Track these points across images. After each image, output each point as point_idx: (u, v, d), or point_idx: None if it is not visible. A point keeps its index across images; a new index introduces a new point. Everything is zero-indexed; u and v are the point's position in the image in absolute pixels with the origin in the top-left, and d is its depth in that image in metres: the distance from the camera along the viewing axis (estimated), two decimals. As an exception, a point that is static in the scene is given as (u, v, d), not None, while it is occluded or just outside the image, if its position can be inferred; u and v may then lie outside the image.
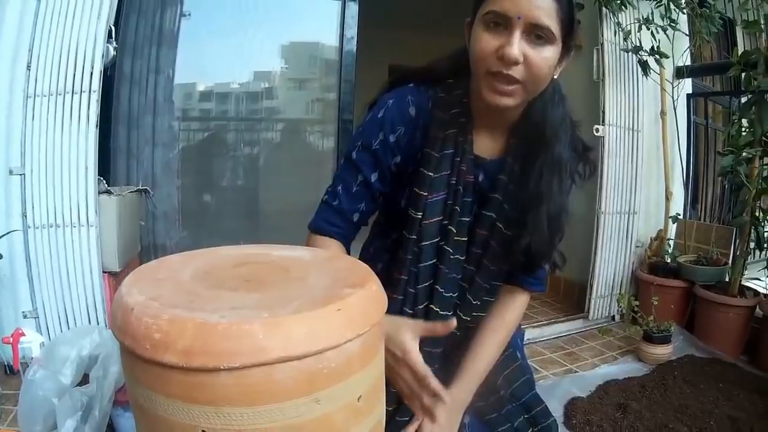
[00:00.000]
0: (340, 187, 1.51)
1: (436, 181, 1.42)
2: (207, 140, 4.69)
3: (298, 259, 1.08)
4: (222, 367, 0.73)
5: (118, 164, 3.78)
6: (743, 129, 3.97)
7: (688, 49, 4.68)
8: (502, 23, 1.23)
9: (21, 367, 2.39)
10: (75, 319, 2.92)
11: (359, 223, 1.56)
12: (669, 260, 4.47)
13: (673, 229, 4.68)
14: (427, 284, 1.46)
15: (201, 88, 4.53)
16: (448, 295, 1.47)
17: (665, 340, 3.66)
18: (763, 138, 3.77)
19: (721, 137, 4.63)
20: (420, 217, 1.42)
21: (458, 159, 1.43)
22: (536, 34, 1.23)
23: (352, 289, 0.88)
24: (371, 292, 0.92)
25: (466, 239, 1.47)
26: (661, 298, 4.00)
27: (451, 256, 1.46)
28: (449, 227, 1.44)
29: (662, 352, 3.65)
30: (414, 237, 1.43)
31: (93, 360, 2.20)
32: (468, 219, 1.47)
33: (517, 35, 1.21)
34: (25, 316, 2.86)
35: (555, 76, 1.36)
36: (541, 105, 1.40)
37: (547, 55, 1.26)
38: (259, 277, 0.96)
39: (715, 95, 5.75)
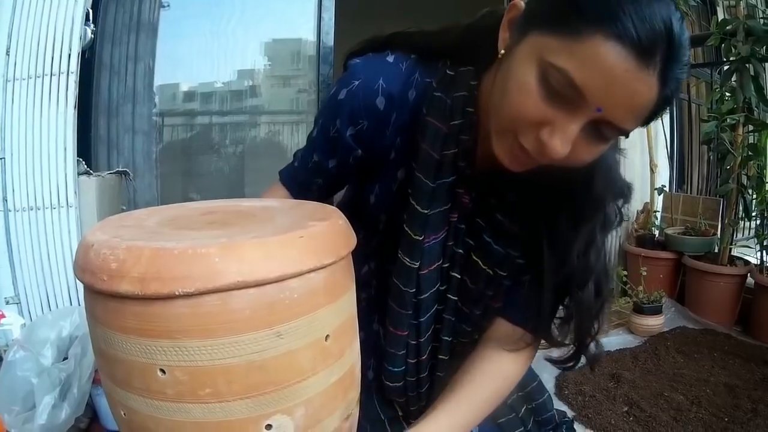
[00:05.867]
0: (302, 153, 1.31)
1: (432, 219, 1.13)
2: (187, 131, 4.68)
3: (266, 207, 1.05)
4: (176, 293, 0.70)
5: (99, 153, 3.76)
6: (725, 98, 3.99)
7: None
8: (569, 96, 0.83)
9: (3, 354, 2.36)
10: (57, 303, 2.91)
11: (321, 194, 1.33)
12: (656, 233, 4.48)
13: (659, 201, 4.69)
14: (430, 333, 1.23)
15: (179, 79, 4.51)
16: (451, 340, 1.25)
17: (656, 311, 3.67)
18: (745, 104, 3.79)
19: (704, 110, 4.64)
20: (416, 266, 1.15)
21: (462, 191, 1.14)
22: (605, 132, 0.87)
23: (316, 222, 0.86)
24: (337, 226, 0.89)
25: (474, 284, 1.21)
26: (650, 270, 4.01)
27: (458, 303, 1.22)
28: (452, 273, 1.19)
29: (654, 323, 3.66)
30: (413, 290, 1.16)
31: (73, 340, 2.17)
32: (474, 258, 1.19)
33: (578, 126, 0.85)
34: (7, 302, 2.85)
35: None
36: None
37: (600, 150, 0.92)
38: (224, 220, 0.93)
39: (695, 67, 5.77)
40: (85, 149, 3.47)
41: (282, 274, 0.75)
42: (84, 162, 3.02)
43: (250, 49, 4.57)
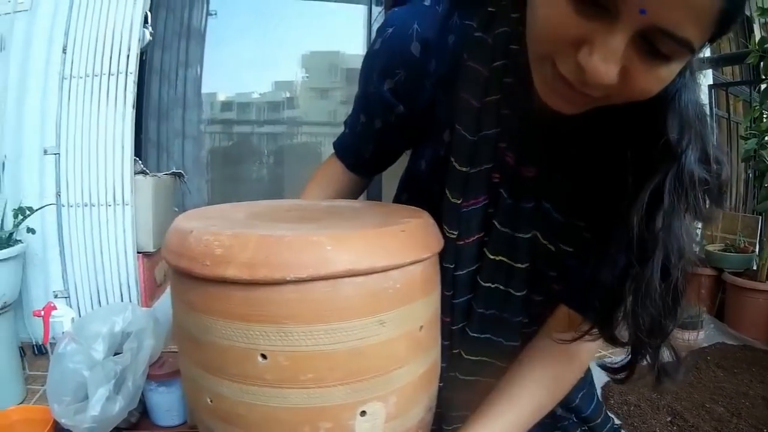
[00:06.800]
0: (349, 120, 1.22)
1: (473, 179, 0.97)
2: (234, 139, 4.72)
3: (348, 206, 1.07)
4: (288, 279, 0.72)
5: (149, 155, 3.81)
6: (764, 116, 3.98)
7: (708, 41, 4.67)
8: (604, 1, 0.64)
9: (49, 347, 2.38)
10: (107, 299, 2.95)
11: (376, 163, 1.25)
12: (696, 250, 4.46)
13: (698, 218, 4.67)
14: (459, 326, 1.06)
15: (228, 87, 4.55)
16: (480, 336, 1.06)
17: (695, 326, 3.65)
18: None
19: (743, 128, 4.61)
20: (455, 236, 0.99)
21: (504, 145, 0.96)
22: (662, 47, 0.66)
23: (410, 219, 0.88)
24: (429, 224, 0.91)
25: (515, 265, 1.00)
26: (691, 286, 3.98)
27: (486, 286, 1.02)
28: (485, 249, 1.01)
29: (694, 338, 3.63)
30: (450, 266, 1.01)
31: (125, 336, 2.19)
32: (517, 236, 0.99)
33: (622, 40, 0.65)
34: (56, 296, 2.88)
35: None
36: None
37: (664, 75, 0.70)
38: (314, 216, 0.95)
39: (734, 85, 5.75)
40: (137, 152, 3.51)
41: (387, 264, 0.77)
42: (140, 161, 3.06)
43: (296, 60, 4.61)
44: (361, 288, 0.75)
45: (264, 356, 0.76)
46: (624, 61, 0.67)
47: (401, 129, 1.11)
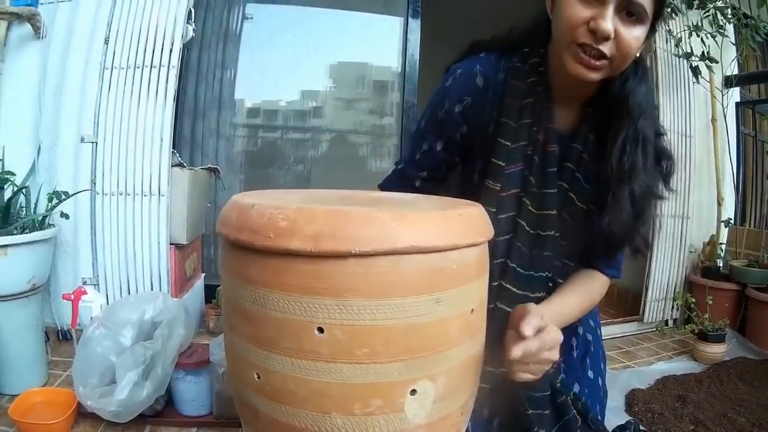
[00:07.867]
0: (407, 153, 1.56)
1: (513, 151, 1.35)
2: (263, 141, 4.71)
3: (401, 197, 1.12)
4: (352, 252, 0.73)
5: (182, 152, 3.79)
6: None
7: (736, 59, 4.67)
8: None
9: (75, 333, 2.38)
10: (137, 288, 2.92)
11: (424, 190, 1.50)
12: (721, 265, 4.44)
13: (724, 234, 4.65)
14: (500, 260, 1.35)
15: (257, 89, 4.54)
16: (521, 271, 1.36)
17: (720, 339, 3.63)
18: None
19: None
20: (498, 188, 1.35)
21: (536, 129, 1.36)
22: (629, 11, 1.17)
23: (466, 207, 0.91)
24: (483, 213, 0.95)
25: (543, 213, 1.37)
26: (715, 300, 3.98)
27: (527, 230, 1.36)
28: (524, 199, 1.36)
29: (717, 351, 3.62)
30: (493, 210, 1.31)
31: (155, 325, 2.20)
32: (545, 191, 1.37)
33: (611, 9, 1.16)
34: (84, 282, 2.85)
35: (637, 55, 1.28)
36: (622, 78, 1.31)
37: (637, 34, 1.20)
38: (368, 202, 0.96)
39: (761, 103, 5.72)
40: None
41: (447, 244, 0.79)
42: (177, 154, 3.05)
43: (325, 69, 4.60)
44: (421, 265, 0.77)
45: (321, 329, 0.77)
46: (614, 23, 1.16)
47: (460, 147, 1.47)
